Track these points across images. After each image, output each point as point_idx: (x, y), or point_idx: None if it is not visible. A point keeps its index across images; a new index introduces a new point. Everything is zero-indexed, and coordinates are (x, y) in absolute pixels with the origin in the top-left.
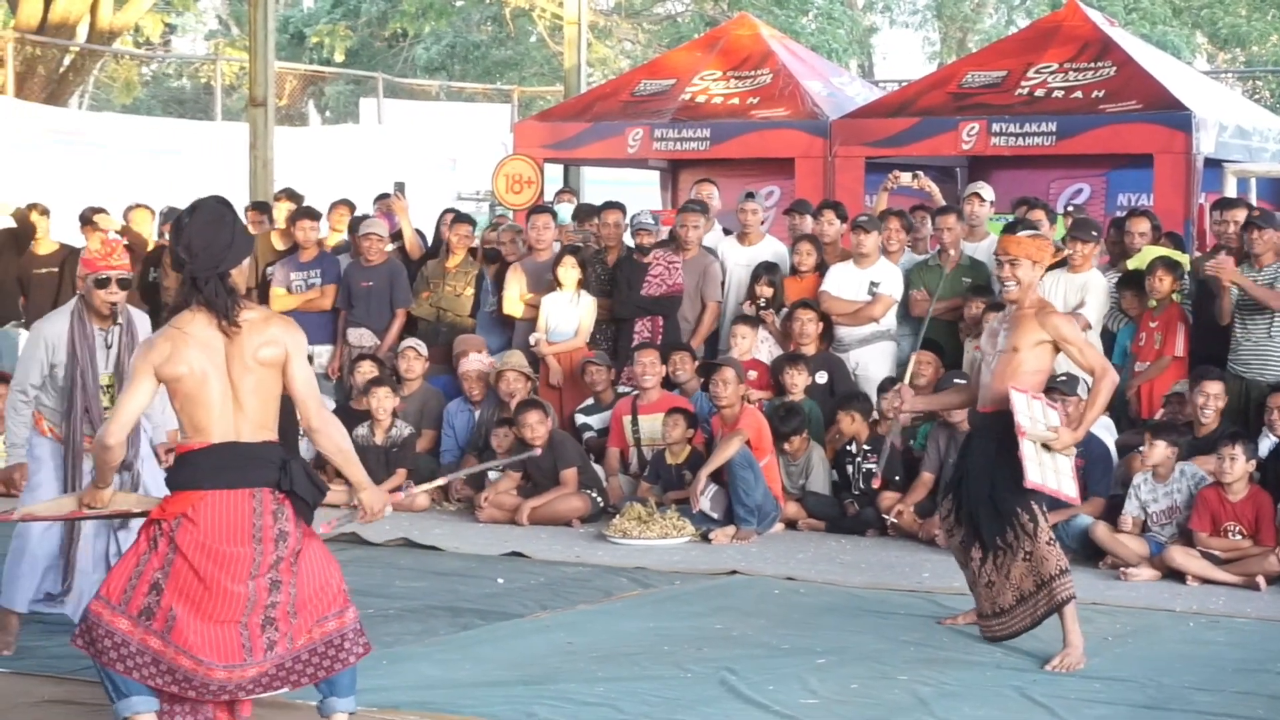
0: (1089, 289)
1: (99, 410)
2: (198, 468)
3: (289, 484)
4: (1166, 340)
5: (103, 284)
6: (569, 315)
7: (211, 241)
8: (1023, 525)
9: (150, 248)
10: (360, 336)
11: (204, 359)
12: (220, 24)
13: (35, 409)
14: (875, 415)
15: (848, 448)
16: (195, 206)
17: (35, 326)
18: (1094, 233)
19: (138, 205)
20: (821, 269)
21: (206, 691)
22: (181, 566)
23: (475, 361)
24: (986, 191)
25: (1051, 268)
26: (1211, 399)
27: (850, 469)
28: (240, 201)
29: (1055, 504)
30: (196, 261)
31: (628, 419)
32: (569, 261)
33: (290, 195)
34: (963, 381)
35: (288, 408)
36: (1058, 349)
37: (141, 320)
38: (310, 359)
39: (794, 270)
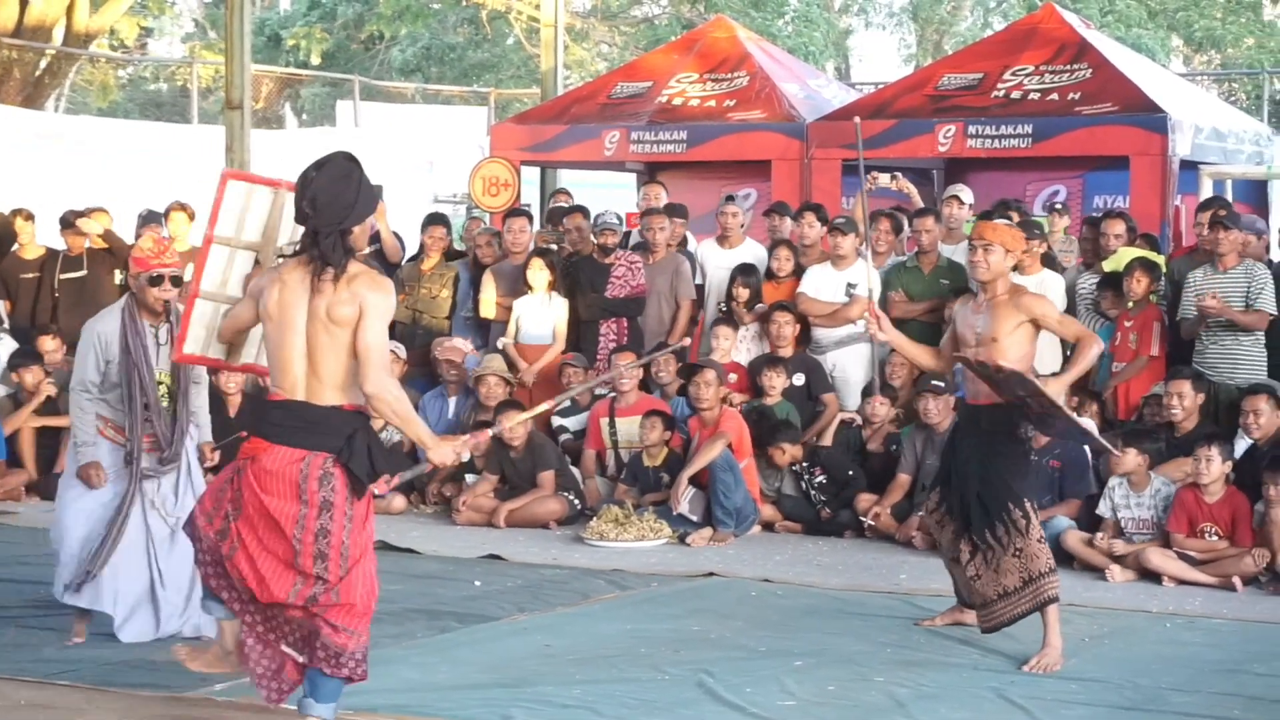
0: (1045, 288)
1: (157, 405)
2: (267, 419)
3: (347, 456)
4: (1143, 340)
5: (156, 281)
6: (542, 317)
7: (336, 197)
8: (1014, 522)
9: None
10: None
11: (286, 307)
12: (196, 27)
13: (97, 413)
14: (858, 419)
15: (793, 468)
16: (323, 162)
17: (88, 325)
18: (1036, 231)
19: (99, 209)
20: (799, 273)
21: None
22: (244, 510)
23: (453, 347)
24: (966, 194)
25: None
26: (1178, 398)
27: (804, 485)
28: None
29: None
30: (320, 216)
31: (605, 421)
32: (537, 264)
33: None
34: (940, 385)
35: None
36: (1038, 330)
37: None
38: None
39: (770, 275)
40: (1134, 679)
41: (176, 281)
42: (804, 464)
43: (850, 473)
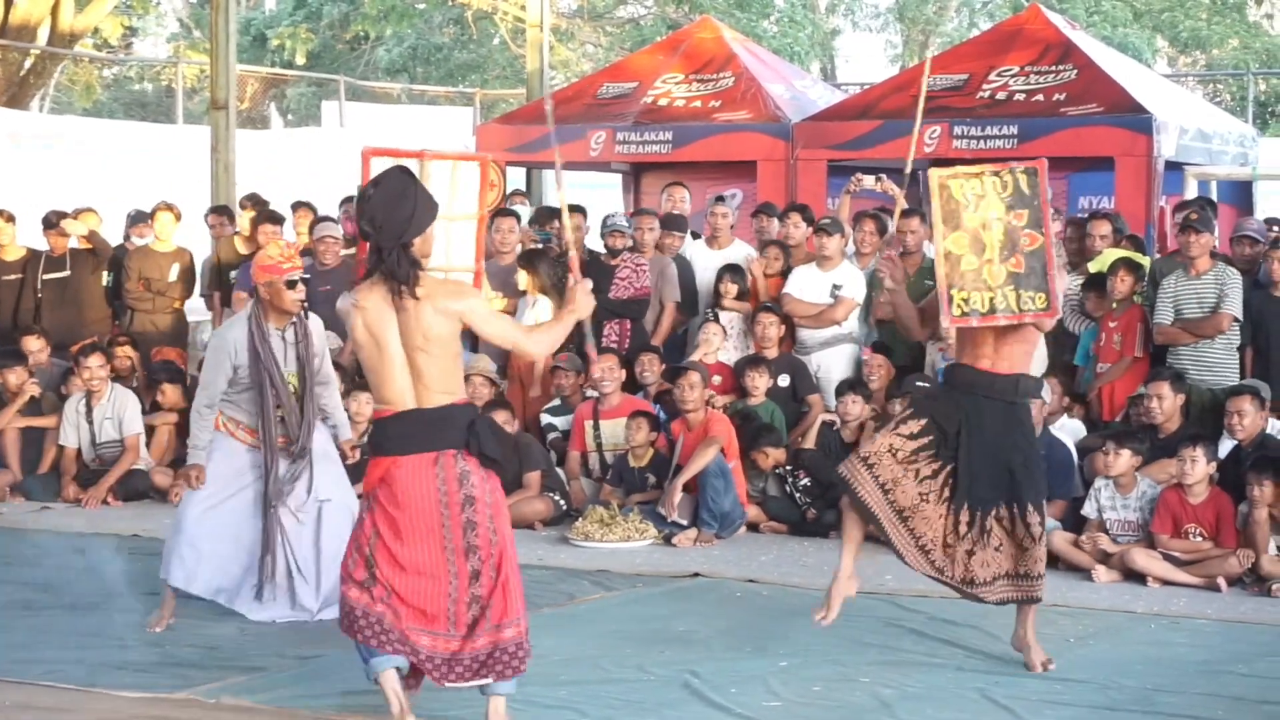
0: None
1: (290, 403)
2: (386, 435)
3: (477, 446)
4: (1127, 341)
5: (292, 285)
6: (525, 319)
7: (395, 213)
8: (1028, 522)
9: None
10: (329, 339)
11: (378, 332)
12: (181, 26)
13: (229, 416)
14: (838, 420)
15: (777, 472)
16: (379, 180)
17: (218, 334)
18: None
19: (87, 209)
20: (786, 274)
21: (415, 655)
22: (385, 533)
23: None
24: None
25: None
26: (1158, 400)
27: (788, 488)
28: (201, 205)
29: None
30: (381, 233)
31: (589, 423)
32: (521, 267)
33: (255, 202)
34: (925, 385)
35: None
36: None
37: (316, 320)
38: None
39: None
40: (1119, 679)
41: (306, 283)
42: (787, 467)
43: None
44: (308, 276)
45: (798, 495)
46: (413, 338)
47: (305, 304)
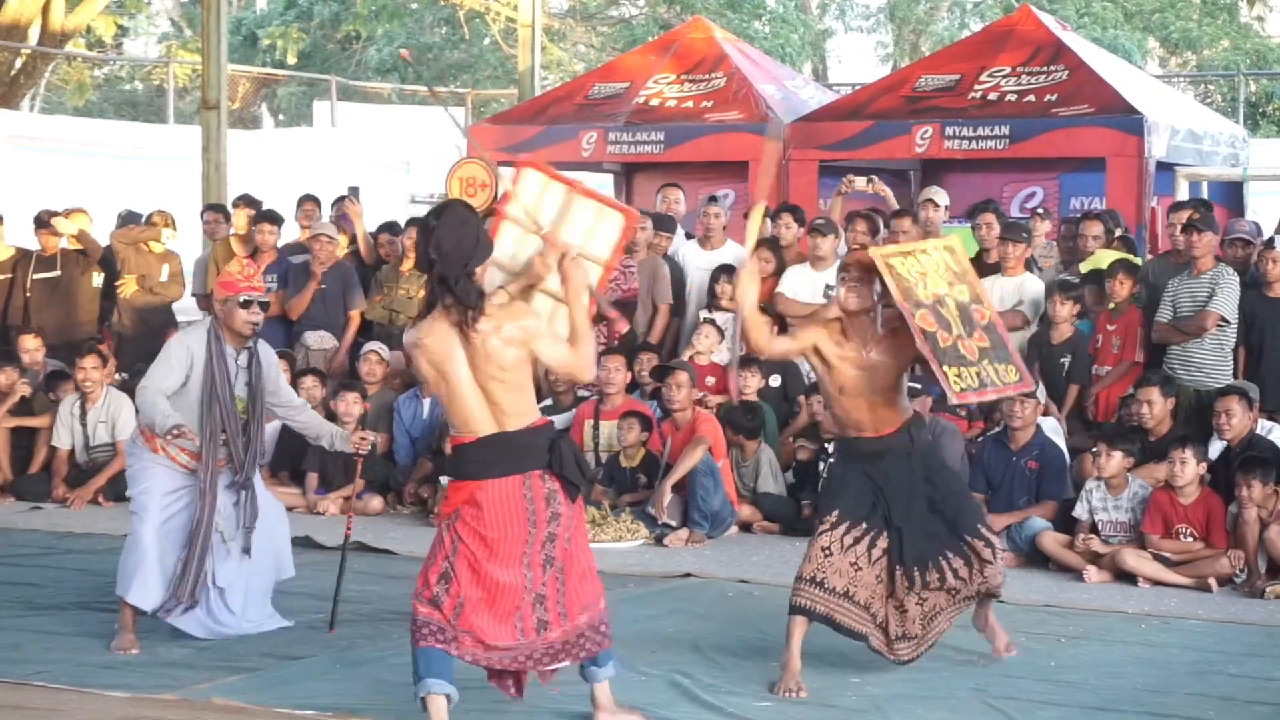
0: (1025, 290)
1: (235, 429)
2: (470, 460)
3: (558, 466)
4: (1126, 344)
5: (246, 305)
6: None
7: (460, 241)
8: (979, 553)
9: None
10: (321, 339)
11: (444, 368)
12: (173, 26)
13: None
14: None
15: (825, 445)
16: (440, 210)
17: (178, 337)
18: (1024, 234)
19: (78, 209)
20: (780, 273)
21: (491, 666)
22: (464, 558)
23: None
24: (941, 197)
25: (985, 271)
26: (1148, 405)
27: (821, 465)
28: (192, 206)
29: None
30: (446, 261)
31: (589, 423)
32: None
33: (249, 202)
34: (916, 385)
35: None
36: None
37: (266, 348)
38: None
39: None
40: (1109, 680)
41: (264, 306)
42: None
43: None
44: (266, 300)
45: (825, 477)
46: (484, 368)
47: (257, 327)
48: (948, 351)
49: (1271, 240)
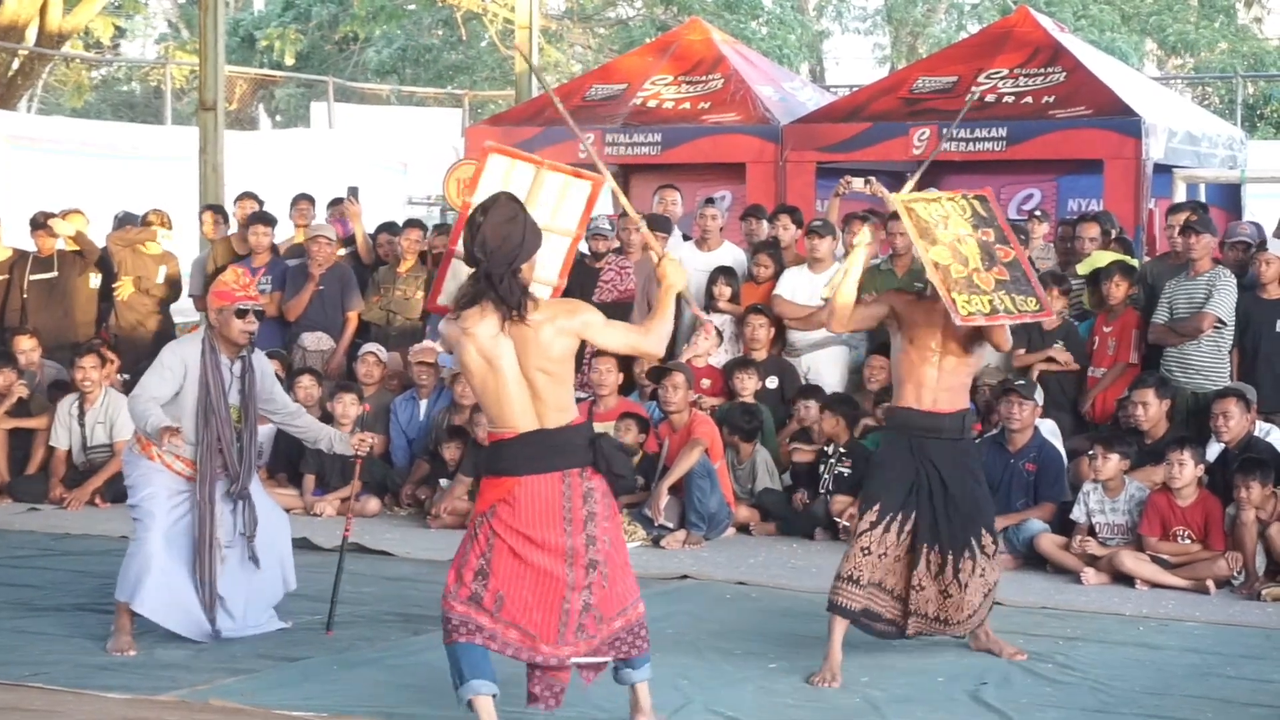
0: None
1: (230, 438)
2: (507, 456)
3: (604, 464)
4: (1122, 346)
5: (242, 314)
6: None
7: (506, 238)
8: (984, 548)
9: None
10: (318, 340)
11: (492, 358)
12: (170, 27)
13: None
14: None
15: (825, 449)
16: (488, 205)
17: (171, 347)
18: (1021, 236)
19: (75, 210)
20: (777, 276)
21: (533, 661)
22: (502, 549)
23: (426, 349)
24: None
25: None
26: (1143, 408)
27: (822, 468)
28: (189, 207)
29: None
30: (492, 258)
31: None
32: None
33: (252, 197)
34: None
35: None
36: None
37: (261, 357)
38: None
39: (750, 276)
40: (1107, 682)
41: (260, 315)
42: (841, 450)
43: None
44: (261, 309)
45: (827, 478)
46: (532, 360)
47: (253, 336)
48: (959, 281)
49: (1264, 242)
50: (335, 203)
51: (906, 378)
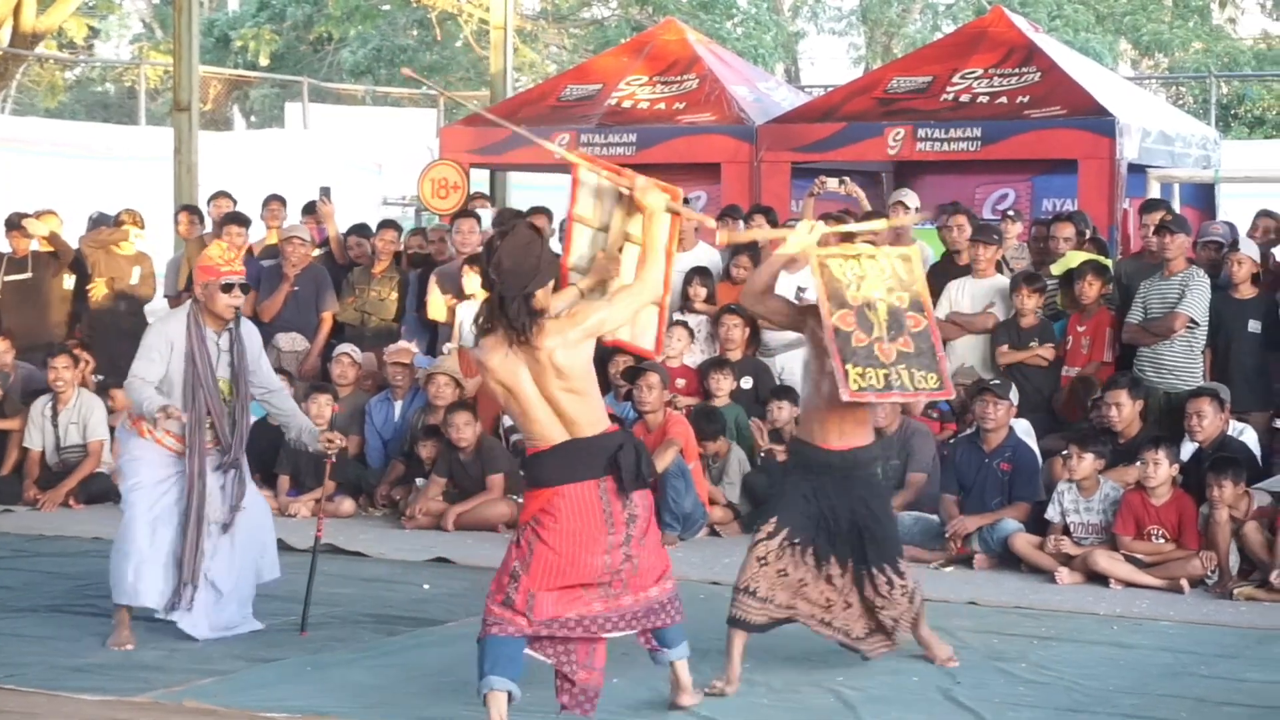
0: (996, 292)
1: (220, 409)
2: (545, 467)
3: (623, 471)
4: (1095, 345)
5: (228, 289)
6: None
7: (520, 264)
8: (875, 583)
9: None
10: (293, 341)
11: (511, 384)
12: (145, 27)
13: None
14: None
15: None
16: (505, 231)
17: (156, 325)
18: (996, 236)
19: (48, 211)
20: None
21: (568, 668)
22: (543, 553)
23: (402, 349)
24: (911, 199)
25: (956, 273)
26: (1116, 408)
27: None
28: (164, 207)
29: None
30: (505, 282)
31: None
32: (470, 271)
33: (226, 197)
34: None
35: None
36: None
37: (249, 327)
38: None
39: (728, 277)
40: (1081, 681)
41: (245, 289)
42: None
43: None
44: (245, 282)
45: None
46: (548, 381)
47: (239, 310)
48: (858, 351)
49: (1236, 242)
50: (310, 208)
51: (809, 407)
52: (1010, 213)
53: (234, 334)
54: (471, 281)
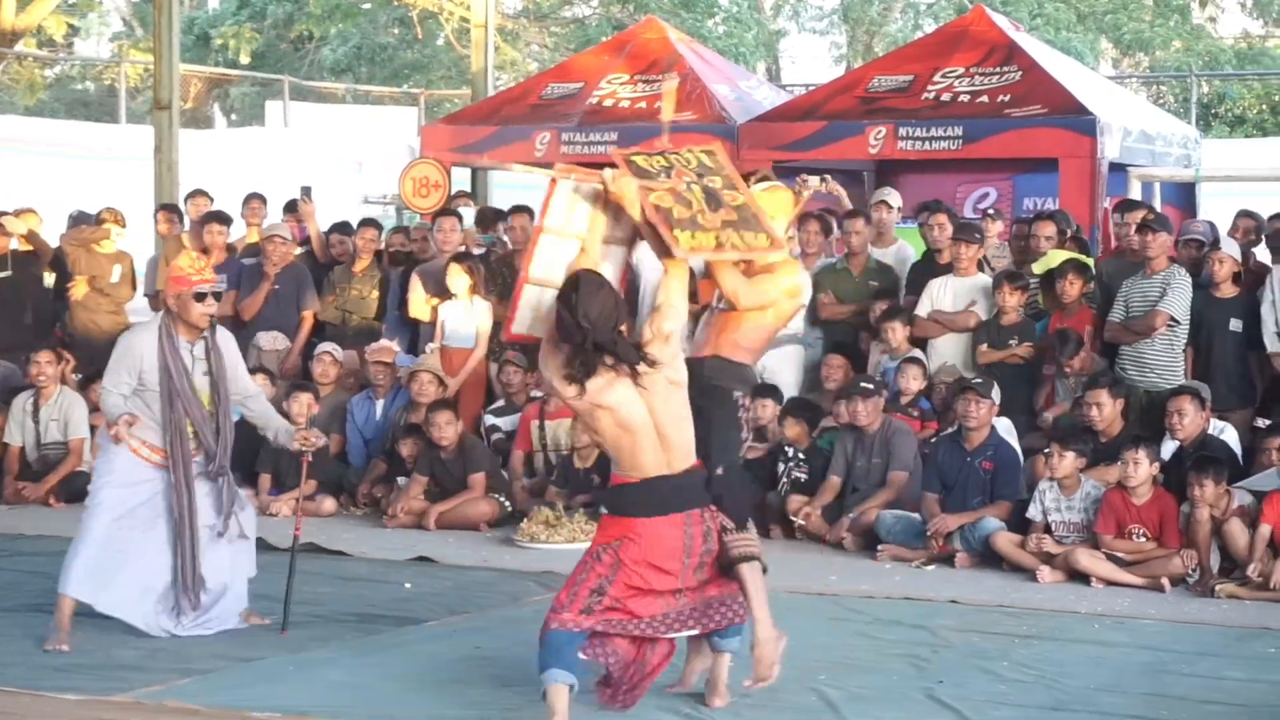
0: (978, 290)
1: (202, 417)
2: (632, 500)
3: (724, 501)
4: None
5: (201, 298)
6: (466, 321)
7: (604, 307)
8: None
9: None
10: (273, 340)
11: (629, 422)
12: (125, 25)
13: (135, 434)
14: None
15: (785, 449)
16: (575, 283)
17: (125, 338)
18: (977, 235)
19: (28, 209)
20: None
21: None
22: (628, 572)
23: (383, 348)
24: (894, 198)
25: (939, 271)
26: (1097, 408)
27: (781, 468)
28: (144, 206)
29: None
30: (597, 329)
31: (535, 424)
32: (456, 270)
33: (203, 195)
34: (870, 386)
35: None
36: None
37: (226, 335)
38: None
39: (707, 275)
40: (1062, 679)
41: (218, 296)
42: (800, 455)
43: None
44: (220, 290)
45: (784, 482)
46: (661, 405)
47: (213, 318)
48: (682, 220)
49: (1217, 241)
50: (291, 207)
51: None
52: (991, 212)
53: (210, 342)
54: (458, 281)
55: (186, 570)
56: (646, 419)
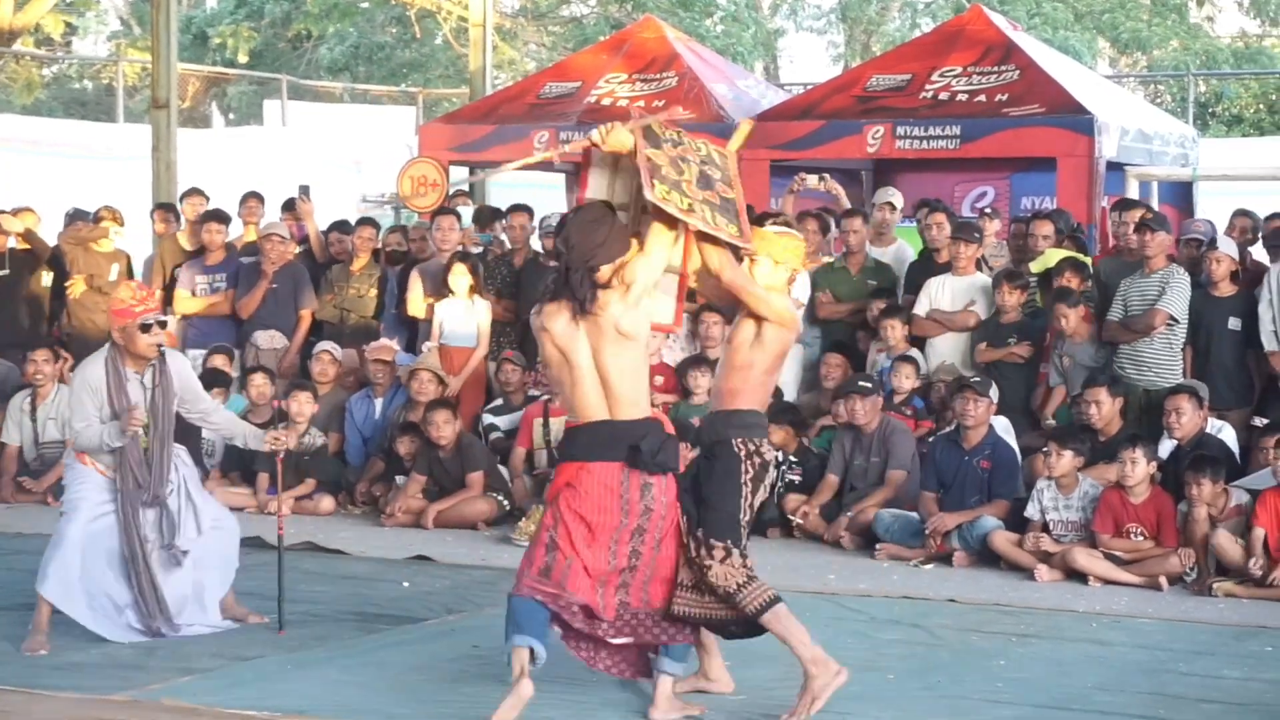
0: (976, 290)
1: (136, 451)
2: (576, 443)
3: (642, 459)
4: None
5: (146, 328)
6: (465, 320)
7: (588, 237)
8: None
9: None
10: (271, 339)
11: (567, 351)
12: (122, 24)
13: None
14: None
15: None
16: (582, 206)
17: (77, 374)
18: (976, 234)
19: (25, 208)
20: None
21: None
22: (573, 522)
23: (383, 347)
24: (898, 199)
25: (937, 270)
26: (1095, 406)
27: (774, 472)
28: (142, 205)
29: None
30: (571, 253)
31: (539, 422)
32: (459, 269)
33: (199, 194)
34: (868, 384)
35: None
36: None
37: (175, 359)
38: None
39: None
40: (1060, 678)
41: (163, 324)
42: (791, 459)
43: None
44: (165, 319)
45: (779, 485)
46: (608, 351)
47: (161, 346)
48: (667, 178)
49: (1214, 240)
50: (289, 205)
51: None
52: (989, 211)
53: (157, 370)
54: (460, 280)
55: (149, 598)
56: (589, 361)
